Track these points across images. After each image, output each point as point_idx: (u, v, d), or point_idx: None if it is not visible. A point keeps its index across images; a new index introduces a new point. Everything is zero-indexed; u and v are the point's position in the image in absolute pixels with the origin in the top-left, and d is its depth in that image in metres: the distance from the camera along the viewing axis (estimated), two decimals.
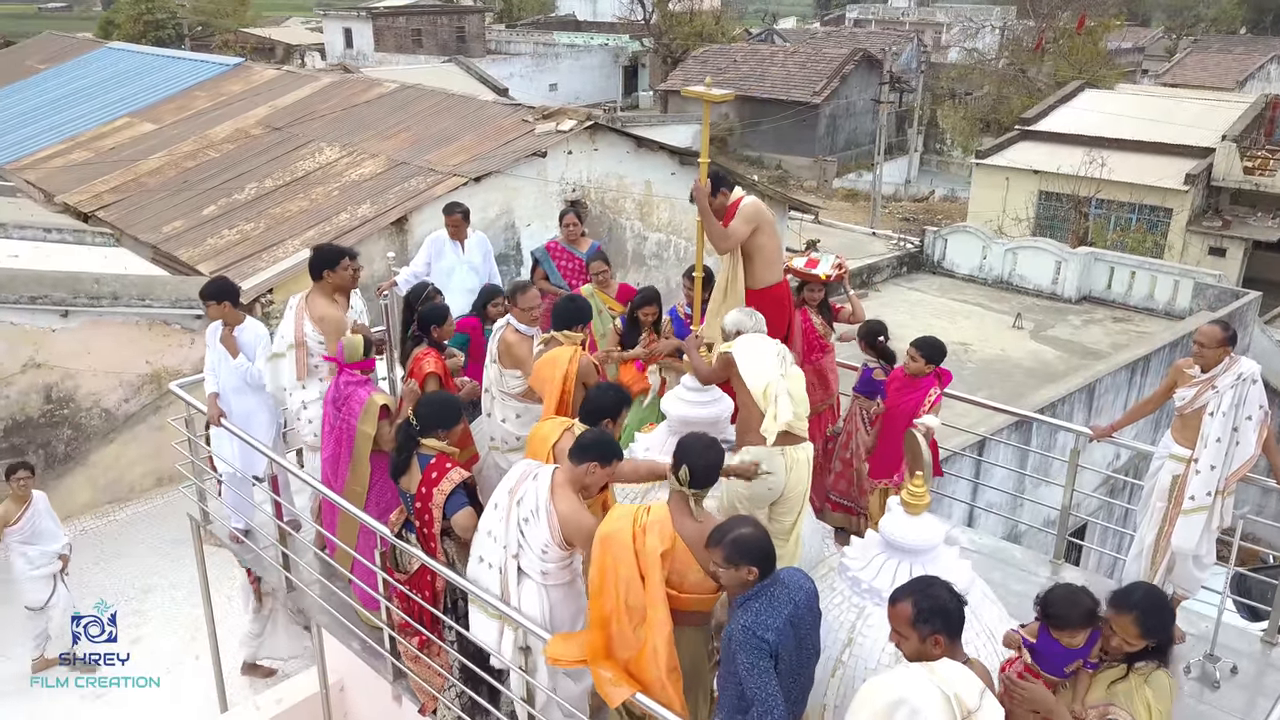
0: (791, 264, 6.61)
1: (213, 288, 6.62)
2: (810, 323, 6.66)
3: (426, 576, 5.08)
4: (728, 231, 5.71)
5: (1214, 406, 5.60)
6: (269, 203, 13.92)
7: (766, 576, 3.72)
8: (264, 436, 6.66)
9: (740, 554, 3.68)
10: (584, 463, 4.38)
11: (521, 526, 4.39)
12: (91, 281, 10.31)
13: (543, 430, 5.10)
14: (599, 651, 4.11)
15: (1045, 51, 40.84)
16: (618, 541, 4.06)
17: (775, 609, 3.69)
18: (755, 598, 3.71)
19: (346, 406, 5.76)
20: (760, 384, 4.91)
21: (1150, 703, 3.69)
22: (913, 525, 4.97)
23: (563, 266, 8.51)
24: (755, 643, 3.61)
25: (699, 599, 4.10)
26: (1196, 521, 5.64)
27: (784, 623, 3.68)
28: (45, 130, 19.30)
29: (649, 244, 15.72)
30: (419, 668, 5.37)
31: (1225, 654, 5.74)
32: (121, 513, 10.64)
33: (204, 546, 7.51)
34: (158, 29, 49.39)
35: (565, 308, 5.82)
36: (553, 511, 4.31)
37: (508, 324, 6.01)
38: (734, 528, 3.76)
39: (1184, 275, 19.46)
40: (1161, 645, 3.72)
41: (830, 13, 76.09)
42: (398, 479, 5.04)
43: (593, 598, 4.13)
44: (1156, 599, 3.78)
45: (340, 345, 5.81)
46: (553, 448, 4.90)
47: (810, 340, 6.64)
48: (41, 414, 10.19)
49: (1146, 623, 3.66)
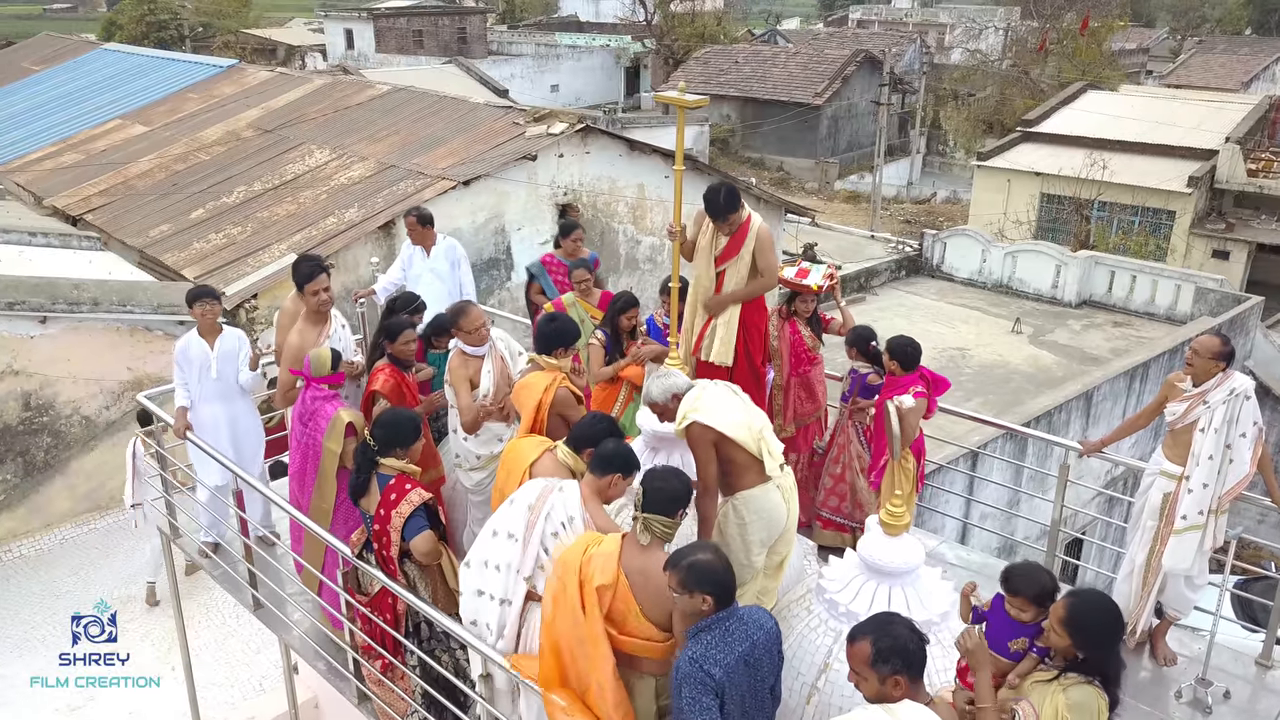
0: (782, 274, 6.42)
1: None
2: (800, 334, 6.49)
3: (388, 599, 4.92)
4: (770, 277, 5.88)
5: (1205, 422, 5.41)
6: (257, 206, 13.78)
7: (723, 608, 3.54)
8: (253, 444, 6.67)
9: (696, 580, 3.50)
10: (607, 475, 4.24)
11: (546, 541, 4.20)
12: (71, 287, 10.17)
13: (521, 448, 4.86)
14: (552, 678, 3.94)
15: (1049, 52, 40.63)
16: (566, 566, 3.89)
17: (728, 645, 3.51)
18: (708, 630, 3.53)
19: (313, 422, 5.59)
20: (745, 432, 4.59)
21: (1061, 713, 3.53)
22: (892, 546, 4.81)
23: (559, 281, 8.19)
24: (700, 677, 3.44)
25: (641, 644, 3.89)
26: (1190, 541, 5.45)
27: (736, 660, 3.50)
28: (37, 132, 19.23)
29: (642, 248, 15.55)
30: (383, 691, 5.21)
31: (1218, 677, 5.55)
32: (101, 521, 10.51)
33: (174, 559, 7.36)
34: (160, 30, 49.38)
35: (546, 330, 5.33)
36: (590, 521, 4.18)
37: (456, 346, 5.70)
38: (693, 552, 3.59)
39: (1185, 280, 19.25)
40: (1094, 659, 3.57)
41: (834, 14, 75.91)
42: (357, 500, 4.87)
43: (545, 623, 3.95)
44: (1090, 605, 3.61)
45: (307, 360, 5.64)
46: (530, 466, 4.69)
47: (799, 352, 6.49)
48: (20, 421, 10.06)
49: (1071, 621, 3.54)
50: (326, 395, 5.59)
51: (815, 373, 6.62)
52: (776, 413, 6.49)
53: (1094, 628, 3.56)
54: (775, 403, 6.50)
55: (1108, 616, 3.62)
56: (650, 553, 3.84)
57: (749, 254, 5.64)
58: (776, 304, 6.60)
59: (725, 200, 5.56)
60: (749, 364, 5.98)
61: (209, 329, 6.55)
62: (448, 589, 4.84)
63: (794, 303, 6.49)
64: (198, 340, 6.53)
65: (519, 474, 4.69)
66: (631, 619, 3.84)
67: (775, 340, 6.42)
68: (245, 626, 8.82)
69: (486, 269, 13.63)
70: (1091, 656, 3.58)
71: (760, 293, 5.92)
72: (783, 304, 6.54)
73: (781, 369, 6.49)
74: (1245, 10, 68.03)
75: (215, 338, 6.55)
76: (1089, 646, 3.57)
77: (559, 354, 5.28)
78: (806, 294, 6.42)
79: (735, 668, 3.50)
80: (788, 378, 6.52)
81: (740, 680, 3.53)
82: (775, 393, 6.50)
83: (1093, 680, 3.59)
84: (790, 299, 6.51)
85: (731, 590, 3.57)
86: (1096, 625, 3.56)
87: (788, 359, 6.47)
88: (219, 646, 8.75)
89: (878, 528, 4.90)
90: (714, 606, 3.52)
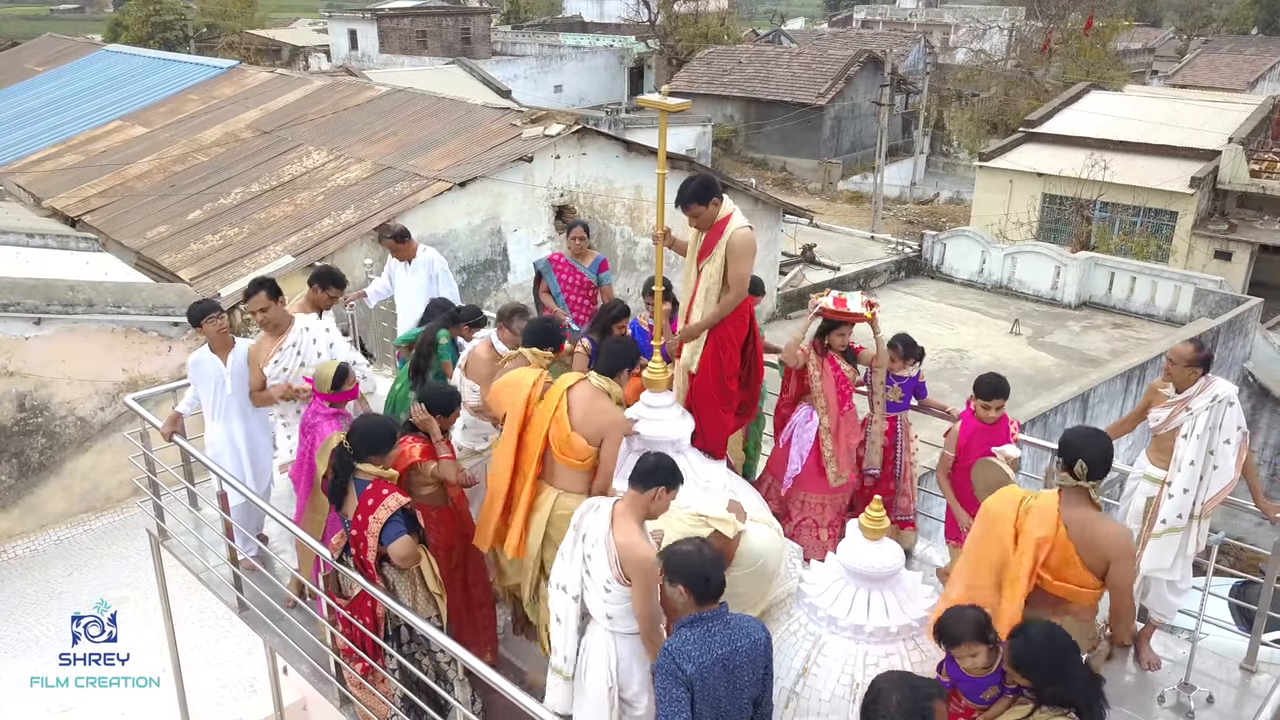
0: (819, 303, 5.94)
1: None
2: (840, 370, 6.04)
3: (366, 603, 4.92)
4: (738, 290, 5.40)
5: (1188, 428, 5.42)
6: (254, 207, 13.81)
7: (704, 603, 3.59)
8: (265, 461, 6.54)
9: (674, 570, 3.59)
10: (650, 488, 4.10)
11: (586, 563, 4.15)
12: (66, 289, 10.20)
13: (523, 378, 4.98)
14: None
15: (1053, 52, 40.53)
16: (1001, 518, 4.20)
17: (707, 645, 3.56)
18: (691, 626, 3.59)
19: (311, 435, 5.62)
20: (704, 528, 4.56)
21: None
22: (872, 550, 4.80)
23: (564, 280, 8.21)
24: (671, 669, 3.51)
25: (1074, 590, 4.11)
26: (1169, 544, 5.45)
27: (713, 661, 3.54)
28: (38, 133, 19.29)
29: (639, 249, 15.56)
30: (363, 695, 5.22)
31: (1202, 682, 5.53)
32: (97, 522, 10.54)
33: (164, 562, 7.37)
34: (165, 30, 49.51)
35: (539, 328, 5.37)
36: (612, 542, 4.05)
37: (487, 339, 5.82)
38: (676, 544, 3.67)
39: (1184, 281, 19.19)
40: (1055, 693, 3.56)
41: (838, 14, 75.81)
42: (338, 506, 4.88)
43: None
44: (1032, 641, 3.60)
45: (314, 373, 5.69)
46: (567, 391, 4.83)
47: (841, 389, 6.03)
48: (15, 422, 10.09)
49: (1018, 660, 3.58)
50: (328, 413, 5.55)
51: (855, 408, 6.28)
52: (829, 460, 6.02)
53: (1041, 663, 3.56)
54: (825, 448, 6.00)
55: (1051, 649, 3.59)
56: (1087, 507, 4.09)
57: (721, 255, 5.34)
58: (809, 339, 6.07)
59: (693, 190, 5.31)
60: (719, 378, 5.61)
61: (222, 345, 6.20)
62: (427, 592, 4.85)
63: (829, 336, 5.98)
64: (210, 356, 6.21)
65: (521, 402, 4.84)
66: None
67: (816, 380, 5.96)
68: (237, 628, 8.82)
69: (483, 270, 13.65)
70: (1050, 691, 3.58)
71: (728, 312, 5.45)
72: (816, 338, 6.00)
73: (829, 410, 6.00)
74: (1252, 10, 67.80)
75: (228, 353, 6.20)
76: (1044, 682, 3.57)
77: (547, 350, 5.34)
78: (845, 325, 5.94)
79: (711, 669, 3.54)
80: (835, 419, 6.04)
81: (716, 683, 3.56)
82: (824, 436, 5.99)
83: (1067, 712, 3.58)
84: (824, 332, 5.99)
85: (711, 586, 3.60)
86: (1043, 661, 3.56)
87: (834, 399, 5.99)
88: (211, 647, 8.77)
89: (858, 532, 4.90)
90: (691, 599, 3.57)
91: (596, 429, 4.76)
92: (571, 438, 4.75)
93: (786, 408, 6.20)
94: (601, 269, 8.16)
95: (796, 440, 6.08)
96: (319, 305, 6.71)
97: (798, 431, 6.08)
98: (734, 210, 5.44)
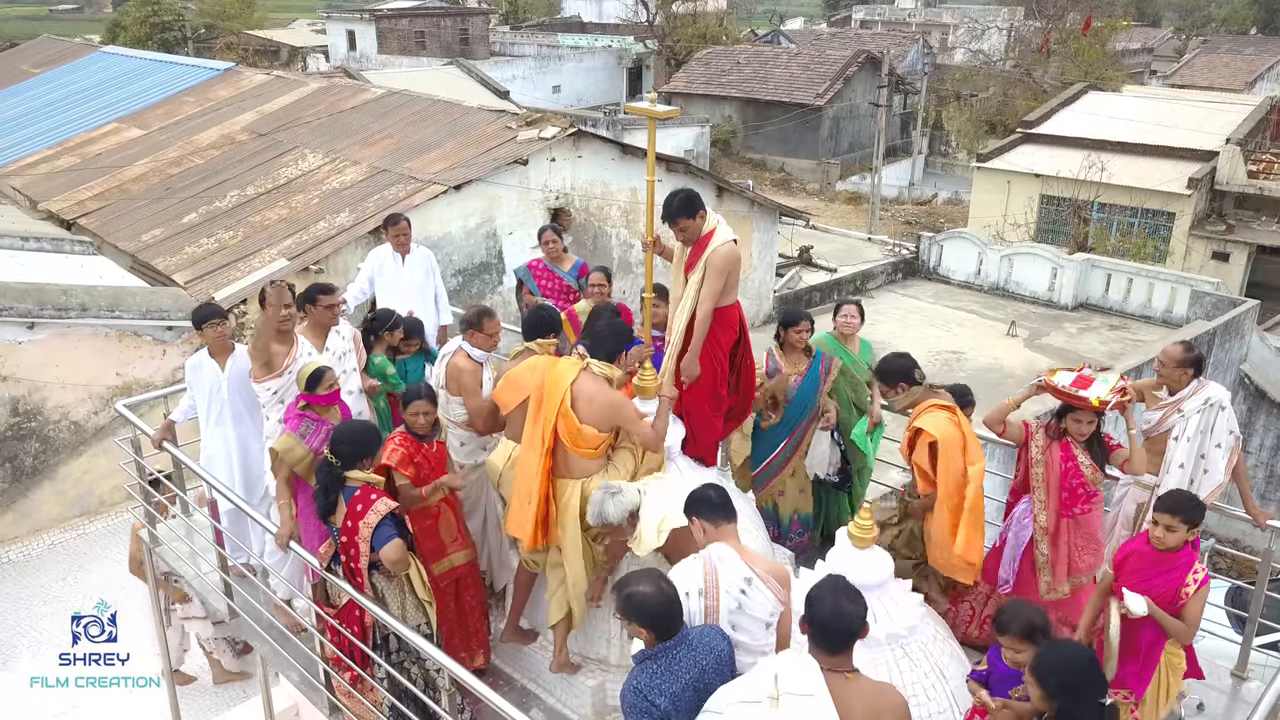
0: (1051, 381, 5.09)
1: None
2: (1075, 462, 5.10)
3: (355, 612, 4.93)
4: (709, 305, 5.35)
5: (1179, 431, 5.42)
6: (249, 210, 13.79)
7: (666, 639, 3.54)
8: (258, 468, 6.36)
9: (633, 613, 3.53)
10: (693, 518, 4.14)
11: (733, 616, 3.89)
12: (59, 293, 10.18)
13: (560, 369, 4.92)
14: None
15: (1051, 53, 40.50)
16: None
17: (674, 673, 3.51)
18: (655, 658, 3.54)
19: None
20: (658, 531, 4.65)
21: None
22: (860, 560, 4.80)
23: (544, 286, 8.21)
24: (644, 706, 3.45)
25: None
26: None
27: (683, 688, 3.49)
28: (34, 136, 19.25)
29: (635, 252, 15.54)
30: (352, 703, 5.22)
31: (1193, 688, 5.53)
32: (91, 526, 10.52)
33: (155, 570, 7.37)
34: (164, 31, 49.45)
35: (537, 317, 5.61)
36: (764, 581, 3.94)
37: (459, 349, 5.68)
38: (636, 582, 3.59)
39: (1181, 282, 19.16)
40: (1063, 713, 3.49)
41: (837, 14, 75.75)
42: (326, 519, 4.86)
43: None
44: (1061, 655, 3.55)
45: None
46: (571, 386, 4.81)
47: (1073, 487, 5.12)
48: (8, 427, 10.08)
49: (1039, 668, 3.53)
50: (293, 414, 5.39)
51: (1095, 513, 5.24)
52: (1041, 566, 5.22)
53: (1062, 678, 3.47)
54: (1039, 552, 5.21)
55: (1077, 669, 3.51)
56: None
57: (702, 269, 5.35)
58: (1044, 418, 5.40)
59: (678, 205, 5.35)
60: (710, 384, 5.60)
61: (221, 349, 6.17)
62: (416, 600, 4.84)
63: (1065, 419, 5.13)
64: (209, 361, 6.17)
65: (557, 398, 4.81)
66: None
67: (1038, 467, 5.17)
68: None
69: (478, 273, 13.64)
70: (1061, 710, 3.49)
71: (703, 335, 5.39)
72: (1052, 419, 5.24)
73: (1047, 505, 5.16)
74: (1251, 10, 67.81)
75: (227, 358, 6.16)
76: (1056, 696, 3.49)
77: (550, 337, 5.55)
78: (1084, 410, 5.03)
79: (682, 695, 3.49)
80: (1055, 519, 5.16)
81: (689, 707, 3.51)
82: (1039, 538, 5.20)
83: None
84: (1061, 414, 5.16)
85: (671, 623, 3.55)
86: (1065, 676, 3.47)
87: (1055, 493, 5.13)
88: (203, 653, 8.75)
89: (846, 541, 4.89)
90: (654, 639, 3.53)
91: (605, 418, 4.82)
92: (582, 430, 4.79)
93: (1014, 495, 5.46)
94: (581, 273, 8.06)
95: (1012, 540, 5.36)
96: (321, 322, 6.29)
97: (1014, 529, 5.34)
98: (719, 224, 5.47)
